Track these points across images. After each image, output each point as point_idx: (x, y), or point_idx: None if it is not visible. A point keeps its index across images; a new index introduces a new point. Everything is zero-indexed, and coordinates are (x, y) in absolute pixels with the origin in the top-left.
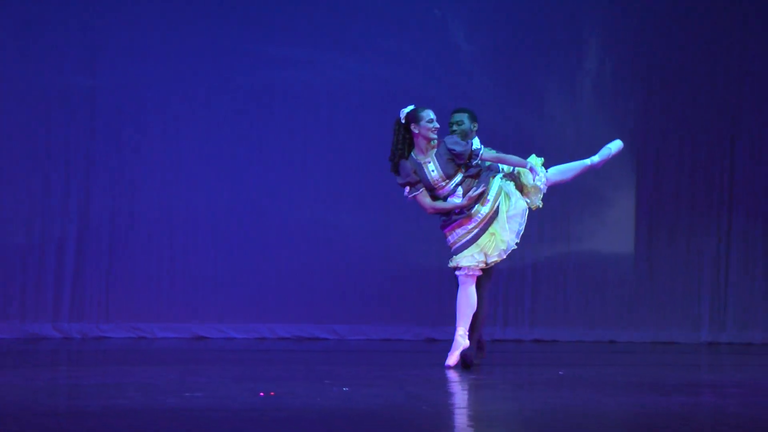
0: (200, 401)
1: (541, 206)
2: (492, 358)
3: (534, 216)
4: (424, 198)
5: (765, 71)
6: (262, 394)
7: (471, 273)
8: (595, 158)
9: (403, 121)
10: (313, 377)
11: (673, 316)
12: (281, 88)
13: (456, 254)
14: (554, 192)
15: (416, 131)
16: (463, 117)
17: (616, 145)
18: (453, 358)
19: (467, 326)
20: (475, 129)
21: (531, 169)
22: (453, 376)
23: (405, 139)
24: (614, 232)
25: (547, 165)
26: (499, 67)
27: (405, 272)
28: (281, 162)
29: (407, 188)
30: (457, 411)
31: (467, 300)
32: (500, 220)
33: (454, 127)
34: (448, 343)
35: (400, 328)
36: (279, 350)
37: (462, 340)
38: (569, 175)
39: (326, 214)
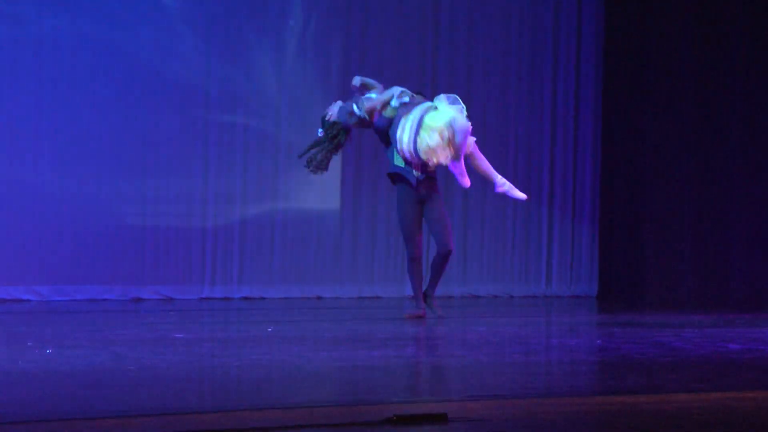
0: None
1: None
2: (201, 316)
3: (239, 175)
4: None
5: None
6: None
7: None
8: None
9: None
10: (14, 340)
11: (377, 271)
12: None
13: None
14: (263, 149)
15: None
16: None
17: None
18: None
19: None
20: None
21: None
22: (159, 335)
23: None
24: (320, 189)
25: None
26: (204, 24)
27: (109, 231)
28: None
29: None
30: (162, 371)
31: None
32: None
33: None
34: (155, 302)
35: (106, 288)
36: None
37: None
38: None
39: (28, 172)
